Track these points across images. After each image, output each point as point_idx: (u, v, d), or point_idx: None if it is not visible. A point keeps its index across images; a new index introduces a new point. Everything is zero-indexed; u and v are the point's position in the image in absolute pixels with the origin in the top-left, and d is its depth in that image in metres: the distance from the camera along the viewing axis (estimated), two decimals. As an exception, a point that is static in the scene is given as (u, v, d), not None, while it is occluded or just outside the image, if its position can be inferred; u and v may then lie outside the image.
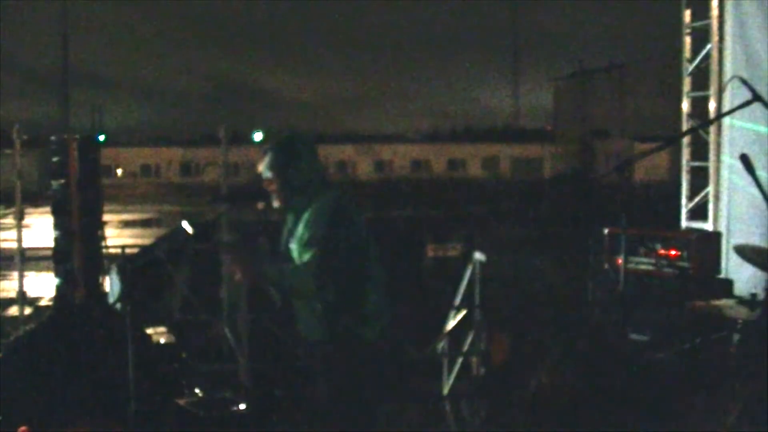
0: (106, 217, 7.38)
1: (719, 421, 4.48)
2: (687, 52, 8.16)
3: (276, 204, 3.87)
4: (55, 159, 6.95)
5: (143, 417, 5.38)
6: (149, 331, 6.90)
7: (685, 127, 8.15)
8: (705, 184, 8.02)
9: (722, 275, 6.88)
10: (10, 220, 8.79)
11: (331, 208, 3.73)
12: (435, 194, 36.98)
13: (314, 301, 3.73)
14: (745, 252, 5.16)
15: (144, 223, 29.23)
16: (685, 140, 8.22)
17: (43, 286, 11.32)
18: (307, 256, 3.65)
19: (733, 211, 7.40)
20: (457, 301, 7.11)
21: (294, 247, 3.77)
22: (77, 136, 7.06)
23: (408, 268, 10.39)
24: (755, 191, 4.02)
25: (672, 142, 6.66)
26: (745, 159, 3.88)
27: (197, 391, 6.18)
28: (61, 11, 60.26)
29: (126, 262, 7.99)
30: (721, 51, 7.70)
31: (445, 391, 6.75)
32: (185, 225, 4.76)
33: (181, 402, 5.95)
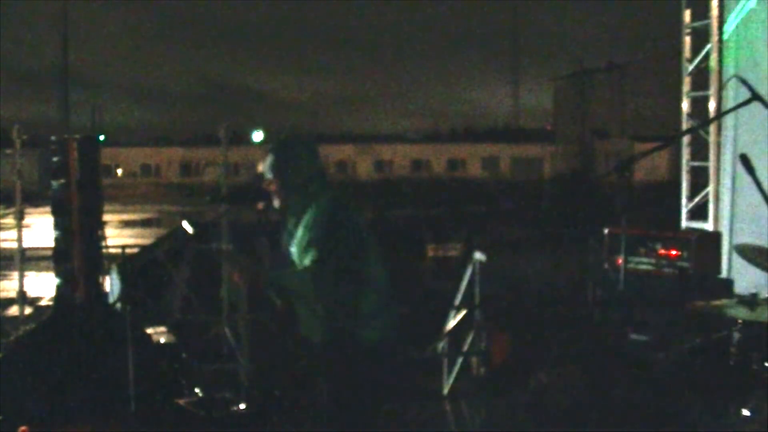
0: (106, 217, 7.37)
1: (719, 421, 4.48)
2: (687, 52, 8.16)
3: (276, 204, 3.88)
4: (55, 159, 6.95)
5: (143, 417, 5.39)
6: (149, 331, 6.90)
7: (685, 127, 8.15)
8: (705, 184, 8.02)
9: (723, 275, 6.88)
10: (10, 220, 8.77)
11: (330, 210, 3.73)
12: (435, 194, 36.97)
13: (315, 301, 3.73)
14: (746, 252, 5.16)
15: (144, 223, 29.25)
16: (685, 140, 8.22)
17: (43, 286, 11.32)
18: (307, 260, 3.65)
19: (737, 210, 7.40)
20: (457, 301, 7.11)
21: (294, 250, 3.78)
22: (77, 136, 7.05)
23: (408, 268, 10.39)
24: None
25: (672, 142, 6.67)
26: (744, 159, 3.87)
27: (197, 391, 6.19)
28: (61, 11, 60.20)
29: (126, 262, 8.00)
30: (721, 51, 7.71)
31: (445, 391, 6.75)
32: (185, 225, 4.77)
33: (181, 402, 5.95)
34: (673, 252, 6.60)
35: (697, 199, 8.09)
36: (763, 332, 4.39)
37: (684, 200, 8.25)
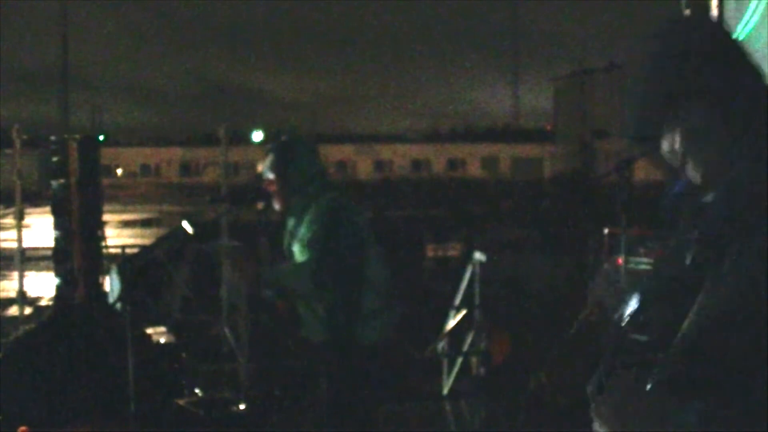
0: (106, 217, 7.39)
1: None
2: (687, 52, 8.17)
3: (276, 205, 3.88)
4: (55, 159, 6.96)
5: (143, 417, 5.38)
6: (149, 331, 6.90)
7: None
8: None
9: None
10: (10, 220, 8.79)
11: (330, 209, 3.73)
12: (435, 194, 36.98)
13: (314, 301, 3.74)
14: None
15: (144, 223, 29.26)
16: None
17: (43, 286, 11.32)
18: (305, 257, 3.66)
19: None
20: (457, 301, 7.11)
21: (296, 249, 3.78)
22: (77, 136, 7.06)
23: (408, 268, 10.38)
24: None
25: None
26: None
27: (197, 391, 6.19)
28: (61, 11, 60.23)
29: (126, 262, 8.00)
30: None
31: (445, 391, 6.75)
32: (185, 225, 4.77)
33: (181, 402, 5.95)
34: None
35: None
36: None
37: (684, 200, 8.26)
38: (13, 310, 8.54)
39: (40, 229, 12.38)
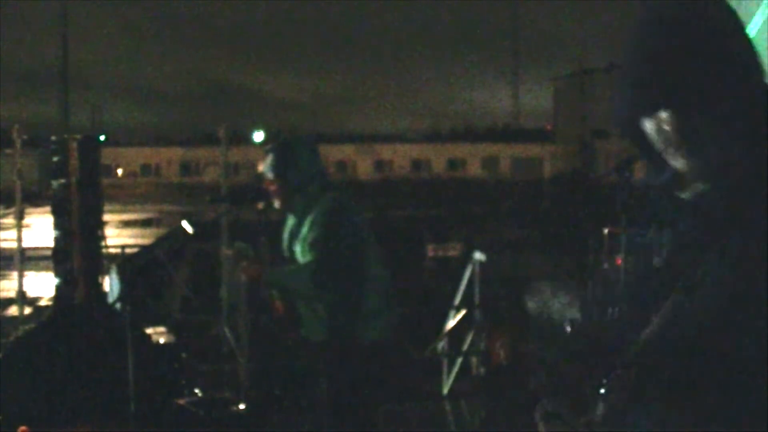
0: (106, 217, 7.38)
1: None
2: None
3: (276, 204, 3.89)
4: (55, 159, 6.95)
5: (143, 417, 5.38)
6: (149, 331, 6.90)
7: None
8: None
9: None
10: (10, 220, 8.78)
11: (331, 210, 3.74)
12: (435, 194, 36.99)
13: (315, 301, 3.74)
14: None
15: (144, 223, 29.27)
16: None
17: (43, 286, 11.32)
18: (308, 258, 3.67)
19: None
20: (457, 301, 7.11)
21: (298, 249, 3.79)
22: (77, 136, 7.06)
23: (408, 268, 10.39)
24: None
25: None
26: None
27: (197, 391, 6.19)
28: (61, 11, 60.25)
29: (126, 262, 8.01)
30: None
31: (445, 391, 6.75)
32: (185, 225, 4.78)
33: (181, 402, 5.95)
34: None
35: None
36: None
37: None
38: (13, 310, 8.54)
39: (40, 229, 12.38)
